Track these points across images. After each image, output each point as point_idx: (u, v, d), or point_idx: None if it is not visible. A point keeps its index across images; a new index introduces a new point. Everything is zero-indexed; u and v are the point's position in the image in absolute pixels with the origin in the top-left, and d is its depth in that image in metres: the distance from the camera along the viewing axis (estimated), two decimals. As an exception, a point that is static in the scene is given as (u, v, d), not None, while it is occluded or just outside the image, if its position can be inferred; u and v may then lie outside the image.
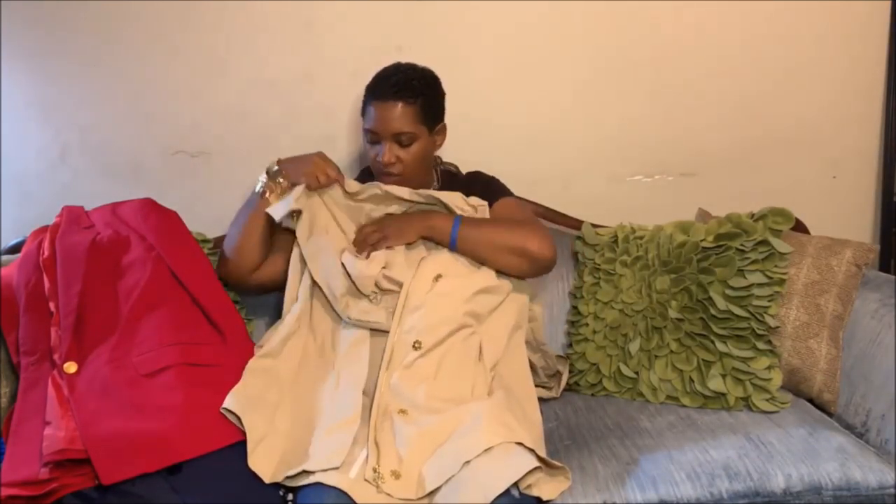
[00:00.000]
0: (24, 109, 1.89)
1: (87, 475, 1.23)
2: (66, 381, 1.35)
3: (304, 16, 1.88)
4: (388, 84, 1.54)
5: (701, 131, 1.98)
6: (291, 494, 1.27)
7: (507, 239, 1.50)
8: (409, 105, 1.54)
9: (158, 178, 1.93)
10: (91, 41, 1.86)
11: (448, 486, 1.19)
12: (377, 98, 1.55)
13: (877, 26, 1.95)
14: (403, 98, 1.53)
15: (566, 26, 1.92)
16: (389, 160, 1.55)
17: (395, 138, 1.54)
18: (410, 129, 1.54)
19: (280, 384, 1.43)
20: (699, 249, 1.62)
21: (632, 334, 1.66)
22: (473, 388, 1.39)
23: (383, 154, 1.55)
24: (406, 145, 1.55)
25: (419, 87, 1.56)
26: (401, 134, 1.54)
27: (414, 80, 1.56)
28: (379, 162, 1.56)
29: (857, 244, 1.66)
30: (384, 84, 1.55)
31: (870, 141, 2.02)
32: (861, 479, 1.33)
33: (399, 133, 1.54)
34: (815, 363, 1.60)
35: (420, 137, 1.56)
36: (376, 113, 1.54)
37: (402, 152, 1.55)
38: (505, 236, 1.51)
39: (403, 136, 1.54)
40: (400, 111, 1.53)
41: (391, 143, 1.55)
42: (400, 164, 1.56)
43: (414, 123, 1.55)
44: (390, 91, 1.53)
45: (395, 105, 1.53)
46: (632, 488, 1.32)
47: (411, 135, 1.55)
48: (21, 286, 1.50)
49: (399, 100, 1.53)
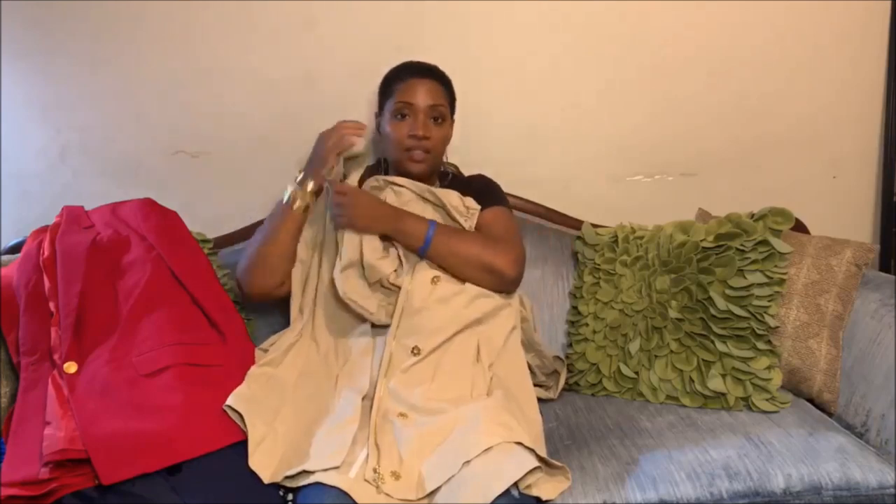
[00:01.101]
0: (24, 109, 1.89)
1: (87, 475, 1.23)
2: (66, 381, 1.35)
3: (304, 16, 1.88)
4: (419, 66, 1.61)
5: (701, 131, 1.98)
6: (291, 495, 1.27)
7: (477, 254, 1.49)
8: (442, 84, 1.61)
9: (158, 178, 1.93)
10: (91, 41, 1.86)
11: (448, 486, 1.19)
12: (412, 75, 1.59)
13: (877, 26, 1.96)
14: (437, 77, 1.61)
15: (566, 27, 1.92)
16: (426, 132, 1.56)
17: (431, 111, 1.57)
18: (444, 104, 1.59)
19: (281, 391, 1.42)
20: (699, 249, 1.62)
21: (632, 334, 1.66)
22: (472, 388, 1.40)
23: (419, 125, 1.56)
24: (438, 122, 1.59)
25: (447, 79, 1.64)
26: (437, 106, 1.57)
27: (441, 71, 1.64)
28: (412, 136, 1.56)
29: (857, 244, 1.66)
30: (414, 67, 1.61)
31: (870, 141, 2.02)
32: (861, 479, 1.33)
33: (435, 105, 1.57)
34: (815, 363, 1.60)
35: (447, 119, 1.61)
36: (414, 87, 1.57)
37: (434, 129, 1.58)
38: (475, 250, 1.50)
39: (439, 108, 1.58)
40: (435, 89, 1.59)
41: (425, 116, 1.57)
42: (432, 140, 1.57)
43: (445, 101, 1.60)
44: (423, 72, 1.60)
45: (432, 82, 1.59)
46: (632, 488, 1.32)
47: (444, 110, 1.59)
48: (21, 286, 1.50)
49: (434, 78, 1.60)
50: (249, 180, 1.95)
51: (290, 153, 1.94)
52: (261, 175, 1.95)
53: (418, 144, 1.56)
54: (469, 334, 1.46)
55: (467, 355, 1.43)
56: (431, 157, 1.59)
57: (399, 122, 1.57)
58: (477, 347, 1.45)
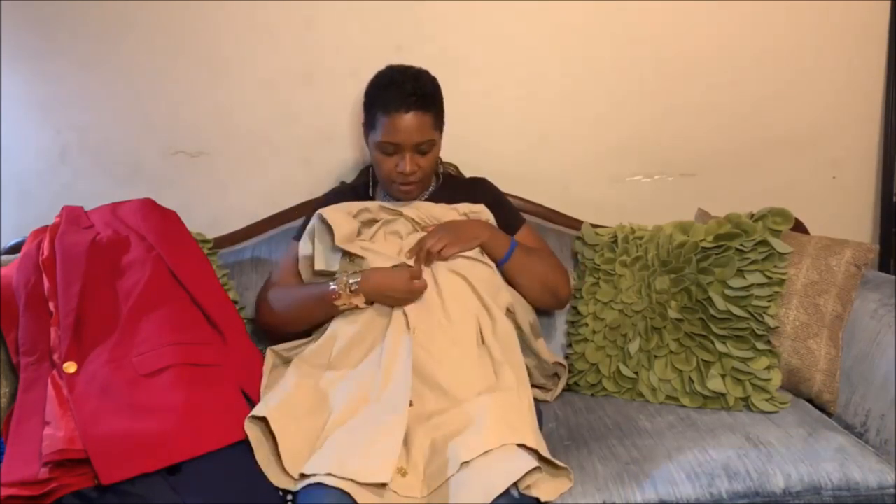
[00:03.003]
0: (24, 109, 1.89)
1: (86, 475, 1.23)
2: (65, 381, 1.35)
3: (304, 16, 1.88)
4: (404, 94, 1.51)
5: (701, 131, 1.98)
6: (291, 495, 1.27)
7: (548, 277, 1.62)
8: (427, 114, 1.53)
9: (158, 178, 1.93)
10: (91, 41, 1.86)
11: (448, 486, 1.19)
12: (396, 110, 1.51)
13: (877, 26, 1.95)
14: (422, 108, 1.52)
15: (567, 27, 1.92)
16: (413, 169, 1.55)
17: (417, 148, 1.54)
18: (431, 137, 1.55)
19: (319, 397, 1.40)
20: (699, 249, 1.62)
21: (631, 334, 1.66)
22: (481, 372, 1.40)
23: (406, 165, 1.53)
24: (425, 153, 1.55)
25: (432, 95, 1.56)
26: (422, 143, 1.53)
27: (426, 87, 1.55)
28: (400, 173, 1.55)
29: (857, 244, 1.66)
30: (398, 95, 1.51)
31: (870, 141, 2.02)
32: (861, 480, 1.33)
33: (421, 142, 1.53)
34: (814, 363, 1.60)
35: (435, 143, 1.58)
36: (398, 125, 1.51)
37: (421, 160, 1.56)
38: (547, 274, 1.62)
39: (424, 144, 1.54)
40: (420, 122, 1.52)
41: (412, 153, 1.54)
42: (420, 171, 1.57)
43: (432, 131, 1.55)
44: (408, 102, 1.50)
45: (416, 115, 1.51)
46: (632, 488, 1.32)
47: (431, 142, 1.55)
48: (21, 286, 1.50)
49: (418, 109, 1.51)
50: (249, 180, 1.95)
51: (289, 153, 1.94)
52: (261, 175, 1.95)
53: (407, 179, 1.57)
54: None
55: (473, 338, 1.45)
56: (422, 183, 1.60)
57: (386, 156, 1.56)
58: (479, 330, 1.46)
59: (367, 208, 1.59)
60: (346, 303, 1.47)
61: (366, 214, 1.58)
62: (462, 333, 1.44)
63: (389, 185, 1.60)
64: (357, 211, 1.58)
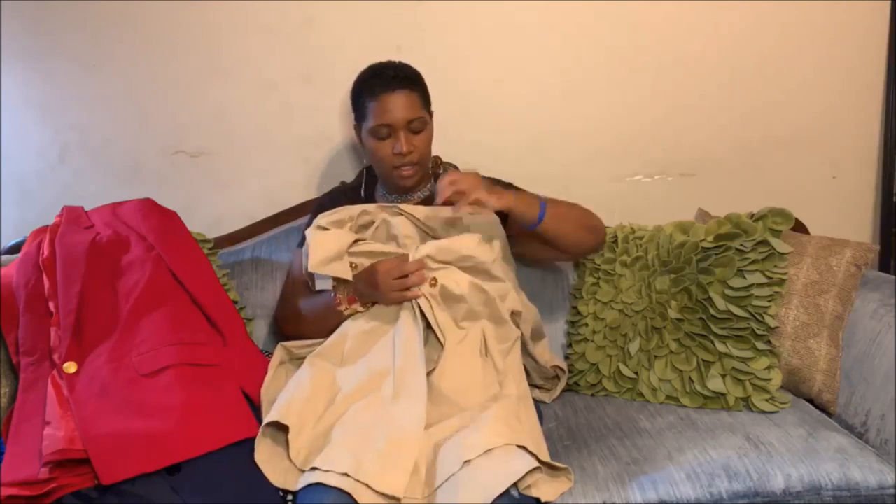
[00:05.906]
0: (23, 109, 1.89)
1: (86, 475, 1.23)
2: (65, 381, 1.35)
3: (304, 16, 1.88)
4: (387, 77, 1.54)
5: (701, 132, 1.98)
6: (291, 495, 1.27)
7: (583, 217, 1.60)
8: (413, 91, 1.56)
9: (158, 178, 1.93)
10: (90, 42, 1.86)
11: (448, 486, 1.19)
12: (383, 91, 1.54)
13: (877, 26, 1.95)
14: (407, 86, 1.55)
15: (567, 26, 1.92)
16: (409, 148, 1.55)
17: (409, 126, 1.55)
18: (420, 114, 1.56)
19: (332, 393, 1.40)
20: (699, 250, 1.62)
21: (631, 334, 1.66)
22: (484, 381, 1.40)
23: (402, 144, 1.54)
24: (418, 132, 1.56)
25: (415, 76, 1.59)
26: (414, 120, 1.54)
27: (407, 69, 1.58)
28: (397, 154, 1.55)
29: (857, 244, 1.66)
30: (382, 78, 1.55)
31: (870, 141, 2.02)
32: (861, 480, 1.33)
33: (412, 119, 1.54)
34: (814, 363, 1.60)
35: (427, 122, 1.58)
36: (387, 105, 1.53)
37: (416, 140, 1.56)
38: (581, 214, 1.59)
39: (416, 121, 1.55)
40: (408, 99, 1.54)
41: (405, 131, 1.55)
42: (416, 151, 1.56)
43: (421, 109, 1.57)
44: (393, 83, 1.54)
45: (402, 93, 1.53)
46: (632, 488, 1.32)
47: (422, 119, 1.56)
48: (21, 286, 1.50)
49: (405, 87, 1.54)
50: (249, 180, 1.96)
51: (289, 153, 1.94)
52: (261, 175, 1.95)
53: (405, 161, 1.56)
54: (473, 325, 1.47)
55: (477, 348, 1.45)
56: (420, 166, 1.59)
57: (381, 141, 1.56)
58: (483, 340, 1.46)
59: (366, 210, 1.59)
60: (347, 308, 1.50)
61: (365, 217, 1.58)
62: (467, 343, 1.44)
63: (389, 173, 1.59)
64: (357, 213, 1.58)
